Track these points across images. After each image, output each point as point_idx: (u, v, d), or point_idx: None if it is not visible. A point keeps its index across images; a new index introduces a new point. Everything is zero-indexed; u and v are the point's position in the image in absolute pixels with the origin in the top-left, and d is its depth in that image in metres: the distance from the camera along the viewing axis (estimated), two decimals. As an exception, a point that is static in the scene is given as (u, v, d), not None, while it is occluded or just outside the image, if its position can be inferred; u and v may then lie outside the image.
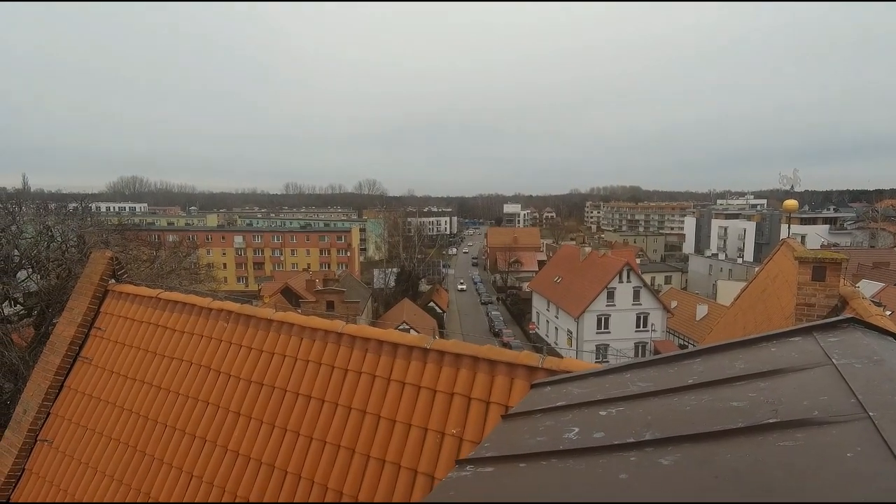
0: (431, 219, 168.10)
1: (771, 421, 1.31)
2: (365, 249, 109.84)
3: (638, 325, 48.02)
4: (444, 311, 62.45)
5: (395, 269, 72.81)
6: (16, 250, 19.54)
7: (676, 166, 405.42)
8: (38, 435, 6.28)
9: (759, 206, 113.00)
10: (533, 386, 2.39)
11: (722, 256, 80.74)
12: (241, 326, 5.56)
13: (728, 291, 44.78)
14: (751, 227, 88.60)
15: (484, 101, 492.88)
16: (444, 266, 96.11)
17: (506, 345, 47.69)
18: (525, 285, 71.33)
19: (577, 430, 1.65)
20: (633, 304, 47.77)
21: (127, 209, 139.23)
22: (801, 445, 1.18)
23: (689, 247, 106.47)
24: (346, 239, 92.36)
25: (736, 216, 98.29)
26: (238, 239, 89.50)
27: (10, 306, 19.98)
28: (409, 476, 3.89)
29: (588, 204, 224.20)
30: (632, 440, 1.45)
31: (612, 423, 1.63)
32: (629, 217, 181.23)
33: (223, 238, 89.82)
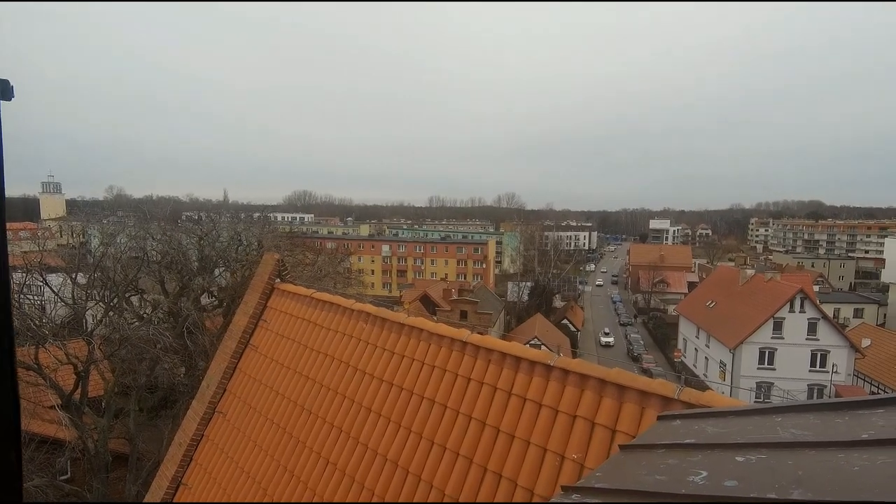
0: (569, 233, 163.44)
1: (981, 502, 0.99)
2: (500, 262, 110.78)
3: (813, 365, 40.69)
4: (578, 330, 59.88)
5: (529, 283, 72.03)
6: (212, 251, 23.75)
7: (882, 178, 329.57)
8: (216, 407, 7.46)
9: None
10: (660, 417, 2.15)
11: (940, 288, 64.62)
12: (376, 328, 5.97)
13: (949, 332, 35.66)
14: None
15: (647, 109, 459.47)
16: (580, 282, 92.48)
17: (645, 371, 43.97)
18: (671, 308, 65.31)
19: (705, 473, 1.43)
20: (807, 339, 40.66)
21: (297, 219, 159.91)
22: None
23: (890, 274, 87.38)
24: (483, 251, 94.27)
25: (965, 238, 78.18)
26: (385, 248, 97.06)
27: (207, 298, 24.30)
28: (525, 496, 3.77)
29: (753, 220, 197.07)
30: (773, 496, 1.21)
31: (751, 473, 1.38)
32: (806, 236, 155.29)
33: (373, 247, 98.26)
